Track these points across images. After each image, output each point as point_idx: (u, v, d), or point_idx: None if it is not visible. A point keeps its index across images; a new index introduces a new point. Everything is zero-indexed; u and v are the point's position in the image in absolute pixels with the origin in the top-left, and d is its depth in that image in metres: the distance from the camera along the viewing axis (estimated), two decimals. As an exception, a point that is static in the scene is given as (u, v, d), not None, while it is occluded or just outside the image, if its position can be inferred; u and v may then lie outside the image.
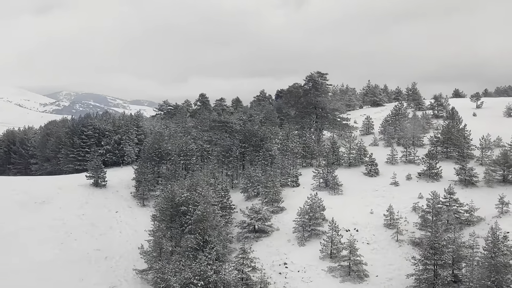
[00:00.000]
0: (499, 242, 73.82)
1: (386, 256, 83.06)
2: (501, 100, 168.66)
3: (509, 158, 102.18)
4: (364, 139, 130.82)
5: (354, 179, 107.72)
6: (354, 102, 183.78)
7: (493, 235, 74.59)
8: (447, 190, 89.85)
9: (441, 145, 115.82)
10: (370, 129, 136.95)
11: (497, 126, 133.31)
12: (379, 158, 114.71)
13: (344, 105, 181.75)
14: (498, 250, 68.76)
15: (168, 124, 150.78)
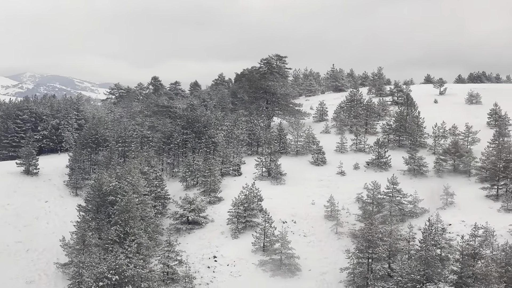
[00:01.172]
0: (435, 235, 75.00)
1: (323, 249, 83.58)
2: (465, 86, 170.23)
3: (460, 147, 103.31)
4: (317, 126, 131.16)
5: (299, 168, 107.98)
6: (315, 87, 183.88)
7: (430, 227, 75.67)
8: (391, 180, 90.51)
9: (393, 133, 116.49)
10: (324, 115, 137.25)
11: (457, 114, 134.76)
12: (329, 146, 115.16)
13: (305, 90, 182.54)
14: (429, 243, 69.42)
15: (112, 109, 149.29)
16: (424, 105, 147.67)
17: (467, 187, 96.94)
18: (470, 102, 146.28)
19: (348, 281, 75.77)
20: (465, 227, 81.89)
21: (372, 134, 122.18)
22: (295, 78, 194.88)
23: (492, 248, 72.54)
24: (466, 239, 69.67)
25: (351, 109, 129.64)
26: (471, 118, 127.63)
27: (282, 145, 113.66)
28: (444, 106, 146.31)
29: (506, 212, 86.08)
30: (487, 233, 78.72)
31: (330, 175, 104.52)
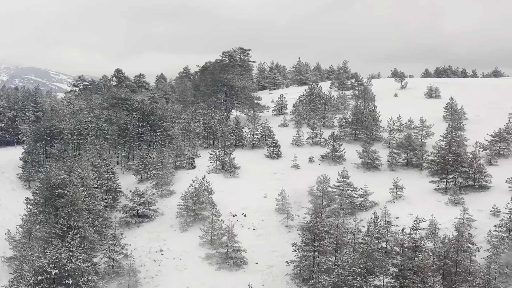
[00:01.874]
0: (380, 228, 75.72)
1: (272, 243, 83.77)
2: (426, 81, 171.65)
3: (413, 141, 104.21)
4: (276, 120, 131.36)
5: (254, 161, 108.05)
6: (279, 80, 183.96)
7: (375, 220, 76.40)
8: (341, 174, 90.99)
9: (349, 127, 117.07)
10: (283, 109, 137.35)
11: (416, 108, 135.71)
12: (285, 140, 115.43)
13: (269, 83, 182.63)
14: (372, 236, 69.99)
15: (72, 101, 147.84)
16: (384, 99, 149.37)
17: (418, 181, 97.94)
18: (429, 96, 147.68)
19: (294, 274, 76.15)
20: (412, 220, 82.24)
21: (329, 127, 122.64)
22: (261, 71, 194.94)
23: (435, 241, 73.45)
24: (408, 232, 70.38)
25: (310, 102, 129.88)
26: (429, 112, 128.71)
27: (239, 138, 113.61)
28: (404, 100, 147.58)
29: (453, 205, 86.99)
30: (432, 226, 79.93)
31: (284, 168, 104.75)
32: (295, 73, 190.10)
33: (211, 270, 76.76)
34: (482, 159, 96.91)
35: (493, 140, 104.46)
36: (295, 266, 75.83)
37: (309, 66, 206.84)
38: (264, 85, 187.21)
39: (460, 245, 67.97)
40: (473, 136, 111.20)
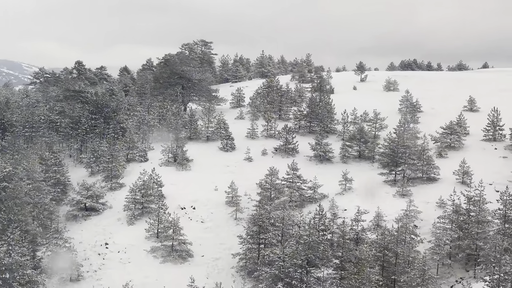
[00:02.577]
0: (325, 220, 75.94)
1: (220, 235, 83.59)
2: (386, 74, 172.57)
3: (365, 134, 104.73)
4: (234, 112, 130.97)
5: (208, 154, 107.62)
6: (241, 73, 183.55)
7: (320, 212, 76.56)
8: (291, 166, 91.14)
9: (304, 119, 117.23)
10: (241, 101, 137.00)
11: (373, 100, 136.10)
12: (241, 132, 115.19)
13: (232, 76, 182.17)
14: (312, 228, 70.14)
15: (29, 93, 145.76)
16: (343, 92, 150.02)
17: (369, 173, 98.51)
18: (388, 89, 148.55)
19: (240, 266, 76.21)
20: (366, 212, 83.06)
21: (285, 120, 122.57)
22: (224, 64, 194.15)
23: (378, 232, 73.90)
24: (349, 224, 70.75)
25: (267, 95, 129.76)
26: (386, 104, 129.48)
27: (193, 131, 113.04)
28: (363, 93, 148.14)
29: (400, 197, 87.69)
30: (378, 218, 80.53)
31: (237, 161, 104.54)
32: (257, 66, 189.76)
33: (155, 263, 76.39)
34: (431, 152, 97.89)
35: (444, 133, 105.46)
36: (241, 258, 75.89)
37: (273, 59, 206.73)
38: (227, 78, 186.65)
39: (400, 237, 68.45)
40: (426, 128, 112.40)
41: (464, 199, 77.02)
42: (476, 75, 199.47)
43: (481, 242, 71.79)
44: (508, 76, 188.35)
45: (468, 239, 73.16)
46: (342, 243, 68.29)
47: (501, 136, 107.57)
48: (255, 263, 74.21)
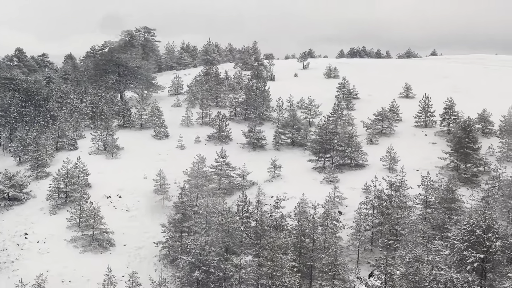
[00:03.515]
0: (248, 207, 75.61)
1: (145, 224, 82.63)
2: (328, 61, 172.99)
3: (298, 121, 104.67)
4: (171, 100, 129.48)
5: (141, 142, 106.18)
6: (186, 60, 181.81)
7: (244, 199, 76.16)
8: (220, 154, 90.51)
9: (240, 107, 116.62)
10: (179, 89, 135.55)
11: (313, 87, 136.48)
12: (176, 120, 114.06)
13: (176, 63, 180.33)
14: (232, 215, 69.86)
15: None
16: (284, 79, 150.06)
17: (300, 160, 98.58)
18: (328, 76, 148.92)
19: (163, 255, 75.44)
20: (285, 199, 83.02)
21: (222, 107, 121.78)
22: (169, 51, 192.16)
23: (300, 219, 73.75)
24: (268, 211, 70.51)
25: (206, 82, 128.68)
26: (325, 91, 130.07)
27: (127, 118, 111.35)
28: (304, 80, 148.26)
29: (327, 183, 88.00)
30: (302, 204, 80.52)
31: (169, 149, 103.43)
32: (202, 54, 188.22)
33: (75, 253, 75.08)
34: (362, 138, 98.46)
35: (376, 119, 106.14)
36: (163, 247, 75.05)
37: (219, 47, 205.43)
38: (172, 65, 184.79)
39: (324, 223, 68.56)
40: (361, 115, 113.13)
41: (386, 185, 77.60)
42: (419, 63, 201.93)
43: (400, 227, 72.41)
44: (449, 64, 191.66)
45: (388, 224, 73.71)
46: (260, 230, 68.07)
47: (432, 123, 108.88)
48: (178, 251, 73.44)
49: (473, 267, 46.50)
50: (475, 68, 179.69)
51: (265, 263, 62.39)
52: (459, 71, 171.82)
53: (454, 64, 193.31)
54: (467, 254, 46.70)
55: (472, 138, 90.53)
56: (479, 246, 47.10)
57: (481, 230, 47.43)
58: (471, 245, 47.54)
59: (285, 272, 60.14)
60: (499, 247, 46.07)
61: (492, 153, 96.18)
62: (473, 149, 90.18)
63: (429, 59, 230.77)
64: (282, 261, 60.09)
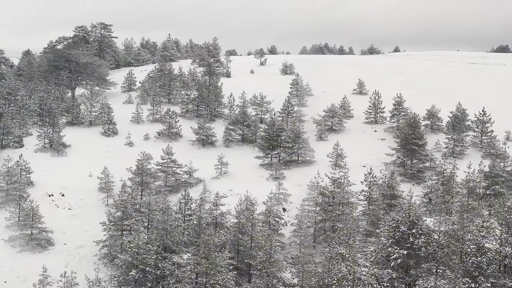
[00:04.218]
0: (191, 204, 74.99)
1: (87, 222, 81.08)
2: (284, 57, 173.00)
3: (248, 117, 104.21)
4: (123, 97, 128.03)
5: (89, 139, 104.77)
6: (143, 56, 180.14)
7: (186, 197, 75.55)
8: (166, 151, 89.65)
9: (192, 103, 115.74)
10: (132, 85, 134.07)
11: (268, 84, 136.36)
12: (128, 117, 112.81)
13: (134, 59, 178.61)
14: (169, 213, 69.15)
15: None
16: (240, 75, 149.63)
17: (249, 156, 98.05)
18: (284, 73, 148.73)
19: (103, 254, 74.17)
20: (231, 196, 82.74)
21: (174, 104, 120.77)
22: (127, 47, 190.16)
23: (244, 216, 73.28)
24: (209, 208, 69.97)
25: (159, 79, 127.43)
26: (279, 88, 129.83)
27: (75, 115, 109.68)
28: (259, 77, 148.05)
29: (273, 180, 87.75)
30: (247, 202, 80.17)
31: (117, 146, 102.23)
32: (161, 50, 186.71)
33: (12, 252, 73.35)
34: (307, 134, 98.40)
35: (326, 116, 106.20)
36: (104, 245, 73.89)
37: (179, 43, 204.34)
38: (130, 61, 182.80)
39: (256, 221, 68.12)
40: (313, 111, 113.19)
41: (328, 181, 77.64)
42: (379, 59, 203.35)
43: (341, 224, 72.39)
44: (408, 60, 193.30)
45: (329, 221, 73.73)
46: (198, 227, 67.53)
47: (383, 119, 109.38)
48: (118, 250, 72.40)
49: (398, 264, 46.49)
50: (432, 65, 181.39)
51: (201, 261, 61.85)
52: (416, 67, 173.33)
53: (413, 60, 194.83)
54: (392, 251, 46.67)
55: (417, 134, 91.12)
56: (403, 243, 47.11)
57: (405, 227, 47.47)
58: (396, 241, 47.53)
59: (220, 270, 59.66)
60: (422, 243, 46.10)
61: (439, 149, 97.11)
62: (418, 145, 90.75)
63: (390, 56, 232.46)
64: (217, 259, 59.55)
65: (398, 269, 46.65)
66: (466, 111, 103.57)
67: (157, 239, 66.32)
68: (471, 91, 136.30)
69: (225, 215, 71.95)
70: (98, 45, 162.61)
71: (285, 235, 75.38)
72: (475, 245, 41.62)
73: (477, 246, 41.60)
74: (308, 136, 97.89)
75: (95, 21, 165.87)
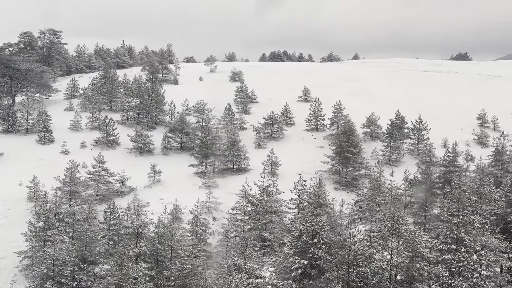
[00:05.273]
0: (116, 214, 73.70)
1: (11, 232, 78.93)
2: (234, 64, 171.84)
3: (186, 125, 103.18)
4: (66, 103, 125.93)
5: (23, 147, 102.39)
6: (94, 63, 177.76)
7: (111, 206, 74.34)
8: (97, 159, 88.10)
9: (132, 110, 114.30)
10: (75, 92, 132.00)
11: (215, 91, 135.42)
12: (66, 124, 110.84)
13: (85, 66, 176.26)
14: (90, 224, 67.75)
15: None
16: (188, 82, 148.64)
17: (186, 164, 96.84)
18: (233, 80, 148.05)
19: (25, 265, 72.32)
20: (161, 205, 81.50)
21: (116, 111, 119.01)
22: (79, 54, 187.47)
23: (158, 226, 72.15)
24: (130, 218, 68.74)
25: (102, 86, 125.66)
26: (225, 95, 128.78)
27: (12, 123, 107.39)
28: (207, 84, 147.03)
29: (206, 188, 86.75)
30: (176, 211, 79.28)
31: (52, 154, 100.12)
32: (112, 57, 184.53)
33: None
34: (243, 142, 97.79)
35: (266, 123, 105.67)
36: (25, 256, 72.01)
37: (134, 50, 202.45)
38: (82, 68, 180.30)
39: (176, 230, 67.01)
40: (256, 119, 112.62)
41: (257, 189, 76.99)
42: (334, 66, 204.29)
43: (267, 233, 71.83)
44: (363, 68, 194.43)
45: (256, 230, 73.07)
46: (117, 238, 66.27)
47: (323, 126, 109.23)
48: (40, 261, 70.60)
49: (299, 274, 45.84)
50: (386, 72, 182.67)
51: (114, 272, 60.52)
52: (369, 75, 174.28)
53: (367, 68, 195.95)
54: (293, 261, 46.02)
55: (352, 142, 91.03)
56: (306, 253, 46.49)
57: (308, 236, 46.88)
58: (299, 251, 46.91)
59: (134, 282, 58.36)
60: (322, 252, 45.55)
61: (376, 156, 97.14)
62: (353, 152, 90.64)
63: (347, 63, 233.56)
64: (130, 271, 58.26)
65: (302, 280, 45.99)
66: (405, 119, 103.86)
67: (75, 250, 64.81)
68: (417, 99, 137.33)
69: (146, 225, 70.67)
70: (46, 52, 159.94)
71: (213, 244, 74.51)
72: (361, 255, 41.15)
73: (363, 256, 41.14)
74: (244, 144, 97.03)
75: (44, 27, 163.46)
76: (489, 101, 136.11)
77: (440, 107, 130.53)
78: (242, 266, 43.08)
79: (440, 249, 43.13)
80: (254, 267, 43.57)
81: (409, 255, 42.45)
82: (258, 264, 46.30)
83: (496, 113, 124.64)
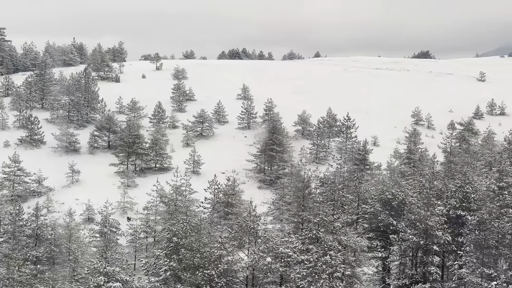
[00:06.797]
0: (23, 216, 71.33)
1: None
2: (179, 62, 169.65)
3: (114, 123, 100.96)
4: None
5: None
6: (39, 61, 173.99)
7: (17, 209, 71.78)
8: (12, 159, 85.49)
9: (63, 109, 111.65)
10: (8, 90, 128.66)
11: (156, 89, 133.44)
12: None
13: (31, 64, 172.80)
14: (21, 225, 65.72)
15: None
16: (131, 80, 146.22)
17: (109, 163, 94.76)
18: (176, 78, 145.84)
19: None
20: (77, 205, 79.58)
21: (48, 110, 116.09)
22: (27, 51, 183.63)
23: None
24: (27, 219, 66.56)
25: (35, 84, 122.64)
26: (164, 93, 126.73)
27: None
28: (150, 82, 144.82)
29: (125, 188, 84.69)
30: (89, 211, 77.44)
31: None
32: (59, 55, 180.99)
33: None
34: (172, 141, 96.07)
35: (196, 121, 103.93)
36: None
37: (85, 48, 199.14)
38: (29, 66, 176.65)
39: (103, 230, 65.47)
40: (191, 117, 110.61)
41: (170, 188, 75.20)
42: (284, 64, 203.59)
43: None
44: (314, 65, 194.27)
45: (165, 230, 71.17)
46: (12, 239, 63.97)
47: (256, 124, 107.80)
48: None
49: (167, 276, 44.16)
50: (336, 71, 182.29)
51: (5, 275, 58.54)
52: (318, 73, 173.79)
53: (321, 66, 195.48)
54: (162, 263, 44.37)
55: (276, 140, 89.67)
56: (175, 255, 44.82)
57: (177, 238, 45.32)
58: (170, 252, 45.25)
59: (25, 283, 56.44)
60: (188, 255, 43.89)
61: (304, 154, 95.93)
62: (277, 151, 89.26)
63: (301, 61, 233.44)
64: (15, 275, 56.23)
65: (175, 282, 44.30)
66: (336, 116, 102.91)
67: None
68: (359, 97, 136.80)
69: (46, 226, 68.35)
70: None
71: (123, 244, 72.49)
72: (207, 258, 39.61)
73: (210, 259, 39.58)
74: (171, 143, 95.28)
75: None
76: (429, 99, 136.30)
77: (380, 105, 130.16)
78: (102, 270, 41.20)
79: (301, 249, 41.70)
80: (116, 270, 41.75)
81: (264, 255, 40.95)
82: (120, 267, 44.45)
83: (434, 111, 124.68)
